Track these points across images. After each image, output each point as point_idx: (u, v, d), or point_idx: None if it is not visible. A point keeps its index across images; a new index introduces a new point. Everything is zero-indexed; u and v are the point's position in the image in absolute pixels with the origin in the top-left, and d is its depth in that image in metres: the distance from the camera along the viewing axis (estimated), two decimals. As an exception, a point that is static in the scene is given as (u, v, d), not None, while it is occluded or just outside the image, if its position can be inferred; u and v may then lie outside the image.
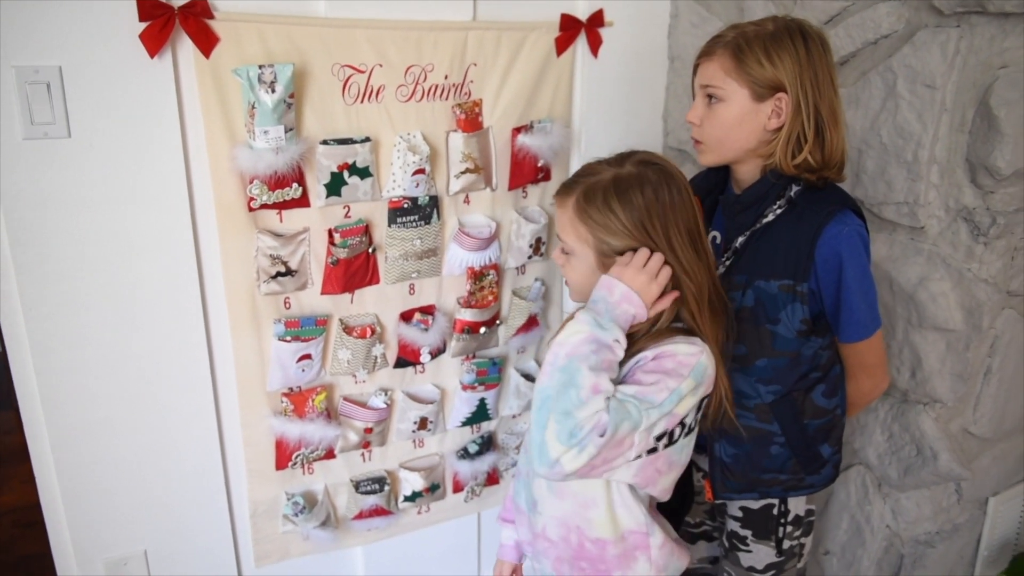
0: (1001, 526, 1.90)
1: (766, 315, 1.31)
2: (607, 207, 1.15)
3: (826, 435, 1.41)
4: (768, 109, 1.28)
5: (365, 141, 1.52)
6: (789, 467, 1.40)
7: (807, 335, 1.32)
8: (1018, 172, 1.41)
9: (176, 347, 1.51)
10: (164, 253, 1.45)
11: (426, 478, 1.83)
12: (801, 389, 1.36)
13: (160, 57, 1.34)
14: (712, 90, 1.31)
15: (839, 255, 1.25)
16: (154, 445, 1.54)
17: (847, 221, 1.26)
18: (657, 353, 1.14)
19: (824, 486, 1.46)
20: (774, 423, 1.37)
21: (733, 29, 1.31)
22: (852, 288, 1.27)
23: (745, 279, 1.33)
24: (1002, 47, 1.37)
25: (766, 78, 1.26)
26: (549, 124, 1.72)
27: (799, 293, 1.28)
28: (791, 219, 1.29)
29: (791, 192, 1.30)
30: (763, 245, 1.32)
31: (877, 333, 1.35)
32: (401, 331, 1.70)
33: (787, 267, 1.28)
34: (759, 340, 1.33)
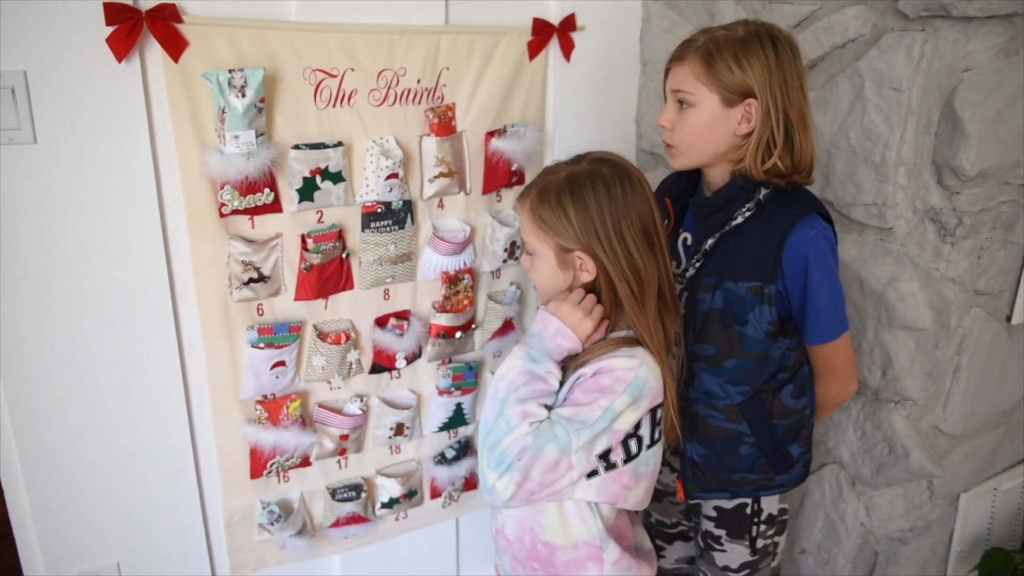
0: (973, 522, 1.93)
1: (734, 316, 1.33)
2: (559, 206, 1.20)
3: (795, 435, 1.42)
4: (738, 114, 1.29)
5: (338, 146, 1.51)
6: (759, 467, 1.41)
7: (775, 336, 1.33)
8: (983, 173, 1.44)
9: (147, 355, 1.49)
10: (134, 260, 1.43)
11: (403, 484, 1.82)
12: (769, 389, 1.37)
13: (128, 61, 1.33)
14: (683, 95, 1.32)
15: (805, 257, 1.26)
16: (125, 455, 1.52)
17: (814, 224, 1.27)
18: (597, 369, 1.18)
19: (794, 485, 1.47)
20: (743, 423, 1.38)
21: (704, 34, 1.32)
22: (817, 291, 1.28)
23: (714, 280, 1.34)
24: (965, 50, 1.40)
25: (736, 84, 1.27)
26: (522, 128, 1.72)
27: (766, 295, 1.29)
28: (759, 222, 1.31)
29: (760, 195, 1.31)
30: (732, 247, 1.33)
31: (844, 336, 1.36)
32: (376, 336, 1.69)
33: (755, 269, 1.30)
34: (728, 341, 1.34)
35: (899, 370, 1.58)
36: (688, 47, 1.32)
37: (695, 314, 1.37)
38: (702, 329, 1.36)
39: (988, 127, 1.41)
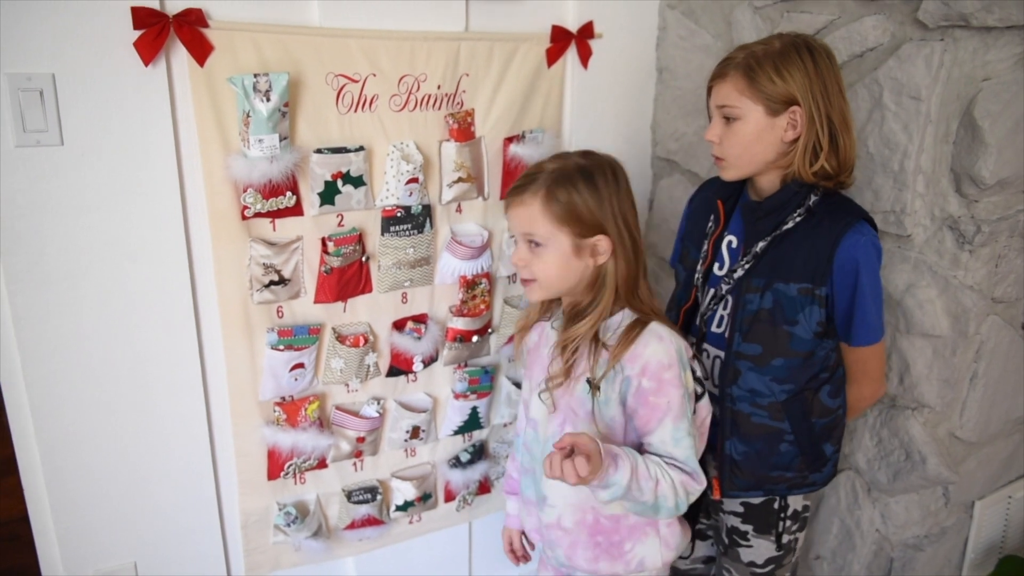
0: (987, 529, 1.93)
1: (784, 316, 1.38)
2: (577, 191, 1.25)
3: (829, 434, 1.47)
4: (783, 122, 1.34)
5: (359, 150, 1.53)
6: (796, 464, 1.45)
7: (822, 336, 1.39)
8: (1001, 181, 1.44)
9: (168, 356, 1.50)
10: (157, 261, 1.45)
11: (418, 487, 1.82)
12: (811, 388, 1.42)
13: (154, 65, 1.34)
14: (728, 110, 1.37)
15: (856, 262, 1.33)
16: (145, 455, 1.53)
17: (864, 231, 1.34)
18: (642, 368, 1.24)
19: (824, 484, 1.52)
20: (785, 421, 1.43)
21: (742, 50, 1.38)
22: (866, 294, 1.35)
23: (763, 282, 1.39)
24: (984, 60, 1.40)
25: (778, 93, 1.32)
26: (540, 134, 1.74)
27: (817, 296, 1.35)
28: (810, 227, 1.37)
29: (810, 202, 1.37)
30: (783, 250, 1.38)
31: (882, 340, 1.43)
32: (394, 340, 1.70)
33: (806, 271, 1.35)
34: (776, 340, 1.39)
35: (916, 377, 1.58)
36: (728, 64, 1.37)
37: (742, 314, 1.42)
38: (749, 328, 1.41)
39: (1007, 136, 1.42)
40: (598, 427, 1.28)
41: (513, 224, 1.34)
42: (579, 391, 1.30)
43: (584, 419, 1.30)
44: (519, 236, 1.32)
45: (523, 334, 1.48)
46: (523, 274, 1.33)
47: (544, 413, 1.37)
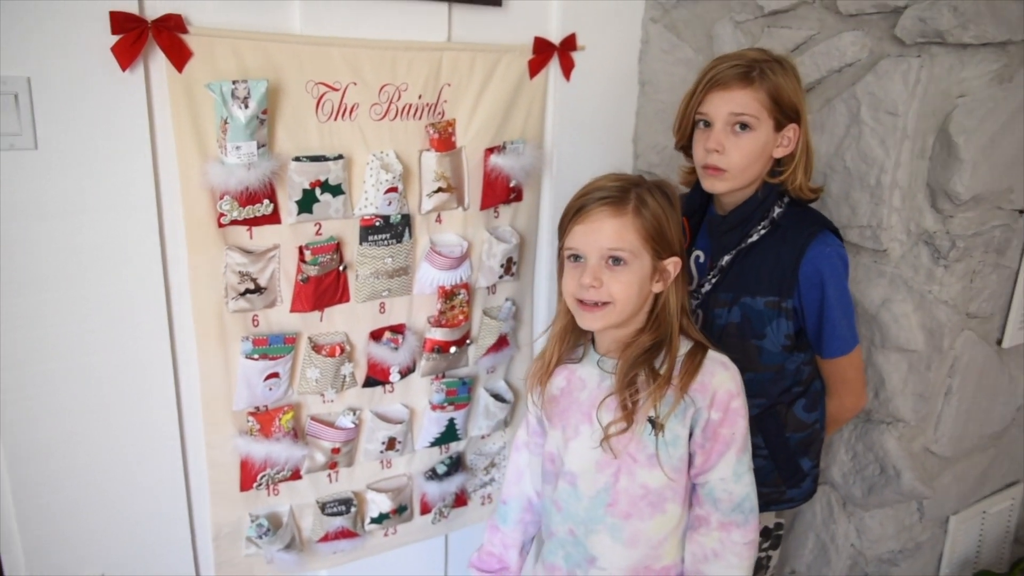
0: (961, 544, 1.94)
1: (752, 330, 1.37)
2: (663, 213, 1.20)
3: (806, 449, 1.46)
4: (780, 139, 1.35)
5: (338, 159, 1.52)
6: (771, 480, 1.44)
7: (791, 350, 1.38)
8: (976, 197, 1.46)
9: (140, 364, 1.48)
10: (131, 268, 1.42)
11: (393, 499, 1.80)
12: (784, 402, 1.42)
13: (132, 70, 1.33)
14: (746, 119, 1.34)
15: (821, 273, 1.32)
16: (114, 465, 1.50)
17: (828, 242, 1.34)
18: (711, 399, 1.18)
19: (804, 500, 1.51)
20: (758, 436, 1.41)
21: (751, 60, 1.35)
22: (833, 305, 1.34)
23: (731, 296, 1.39)
24: (960, 77, 1.43)
25: (792, 109, 1.34)
26: (522, 145, 1.73)
27: (784, 309, 1.35)
28: (775, 239, 1.37)
29: (774, 214, 1.37)
30: (748, 264, 1.38)
31: (856, 349, 1.41)
32: (371, 350, 1.69)
33: (772, 284, 1.35)
34: (746, 355, 1.37)
35: (891, 391, 1.59)
36: (751, 72, 1.34)
37: (711, 329, 1.41)
38: (719, 343, 1.37)
39: (982, 152, 1.44)
40: (664, 470, 1.20)
41: (592, 240, 1.19)
42: (640, 434, 1.21)
43: (645, 464, 1.21)
44: (594, 254, 1.19)
45: (544, 379, 1.34)
46: (593, 296, 1.19)
47: (588, 465, 1.26)
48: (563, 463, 1.30)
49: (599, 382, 1.27)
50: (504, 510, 1.46)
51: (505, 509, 1.45)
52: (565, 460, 1.30)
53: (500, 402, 1.90)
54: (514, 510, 1.44)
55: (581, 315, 1.22)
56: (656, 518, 1.23)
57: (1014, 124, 1.48)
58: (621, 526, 1.24)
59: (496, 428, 1.94)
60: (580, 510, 1.27)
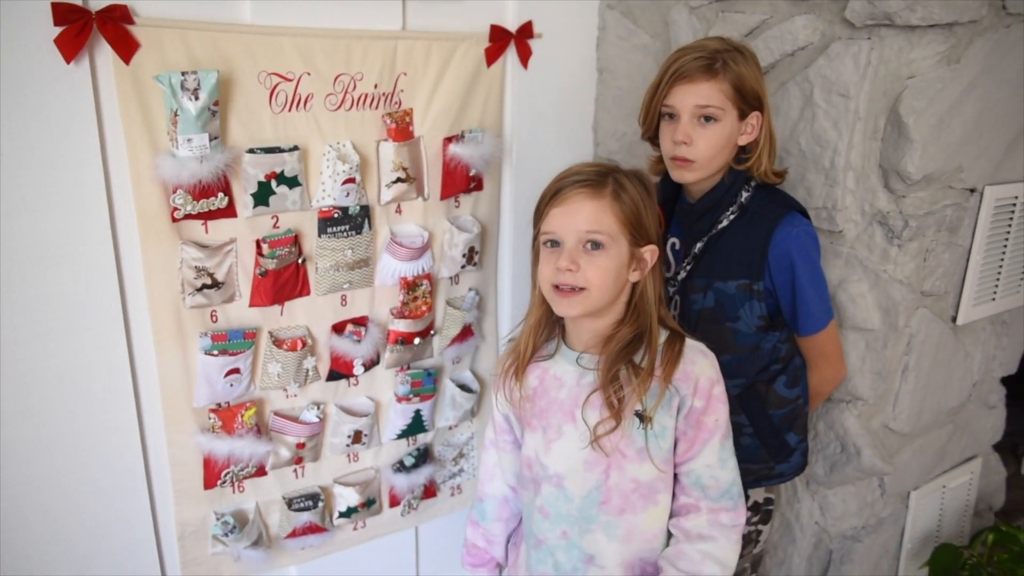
0: (923, 519, 1.98)
1: (726, 314, 1.40)
2: (641, 198, 1.19)
3: (791, 424, 1.49)
4: (744, 126, 1.38)
5: (293, 150, 1.50)
6: (759, 456, 1.48)
7: (765, 330, 1.41)
8: (927, 177, 1.48)
9: (96, 363, 1.45)
10: (83, 265, 1.40)
11: (361, 493, 1.79)
12: (764, 380, 1.45)
13: (77, 62, 1.30)
14: (711, 111, 1.35)
15: (790, 254, 1.35)
16: (73, 467, 1.48)
17: (795, 223, 1.37)
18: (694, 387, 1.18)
19: (794, 474, 1.54)
20: (741, 414, 1.45)
21: (718, 52, 1.36)
22: (805, 284, 1.37)
23: (705, 282, 1.42)
24: (909, 58, 1.44)
25: (755, 99, 1.37)
26: (480, 134, 1.73)
27: (756, 291, 1.38)
28: (743, 223, 1.40)
29: (742, 199, 1.40)
30: (719, 249, 1.41)
31: (832, 323, 1.45)
32: (333, 343, 1.67)
33: (743, 268, 1.38)
34: (721, 338, 1.40)
35: (850, 370, 1.61)
36: (714, 63, 1.35)
37: (688, 314, 1.44)
38: (696, 328, 1.42)
39: (931, 132, 1.46)
40: (655, 463, 1.19)
41: (569, 222, 1.17)
42: (628, 428, 1.19)
43: (635, 459, 1.20)
44: (571, 237, 1.17)
45: (520, 372, 1.30)
46: (568, 280, 1.17)
47: (576, 465, 1.23)
48: (545, 467, 1.27)
49: (578, 379, 1.24)
50: (481, 508, 1.45)
51: (482, 507, 1.44)
52: (547, 463, 1.26)
53: (467, 392, 1.90)
54: (491, 507, 1.44)
55: (557, 301, 1.20)
56: (649, 510, 1.22)
57: (963, 104, 1.50)
58: (616, 523, 1.23)
59: (463, 419, 1.93)
60: (572, 511, 1.25)
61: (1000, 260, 1.78)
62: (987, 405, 2.03)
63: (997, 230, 1.73)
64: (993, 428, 2.10)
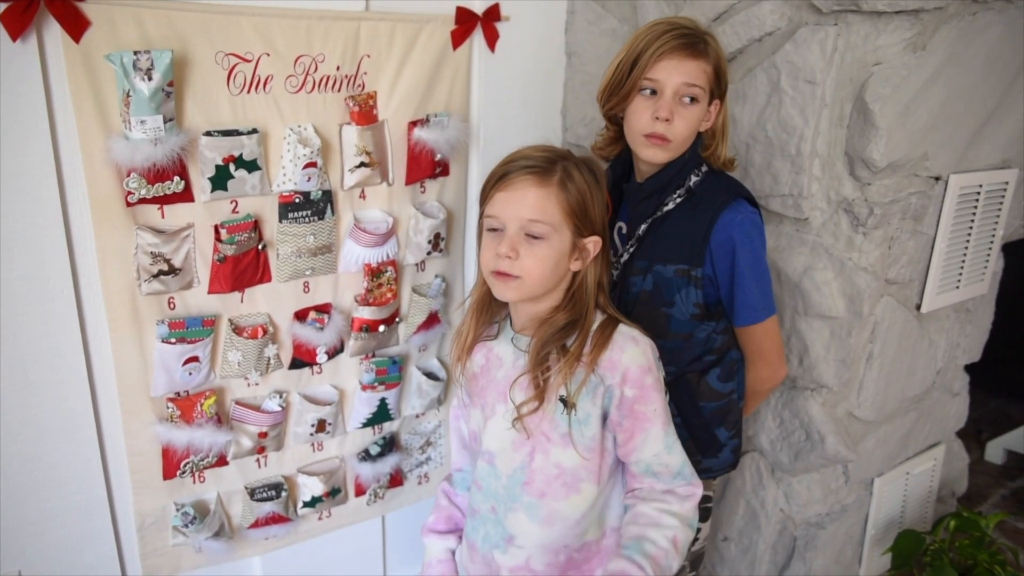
0: (886, 505, 2.00)
1: (662, 298, 1.37)
2: (588, 188, 1.18)
3: (722, 419, 1.46)
4: (711, 110, 1.37)
5: (252, 133, 1.46)
6: (687, 449, 1.42)
7: (700, 319, 1.38)
8: (892, 164, 1.48)
9: (49, 352, 1.41)
10: (34, 251, 1.35)
11: (326, 482, 1.77)
12: (695, 371, 1.42)
13: (24, 40, 1.25)
14: (695, 91, 1.33)
15: (732, 241, 1.32)
16: (27, 457, 1.44)
17: (740, 209, 1.33)
18: (623, 376, 1.17)
19: (723, 471, 1.51)
20: (671, 404, 1.40)
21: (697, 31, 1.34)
22: (744, 272, 1.34)
23: (646, 264, 1.39)
24: (876, 44, 1.44)
25: (725, 84, 1.36)
26: (446, 118, 1.70)
27: (693, 278, 1.35)
28: (689, 208, 1.36)
29: (690, 182, 1.37)
30: (662, 232, 1.38)
31: (771, 319, 1.41)
32: (295, 331, 1.64)
33: (683, 252, 1.35)
34: (655, 322, 1.37)
35: (815, 358, 1.62)
36: (699, 42, 1.32)
37: (627, 296, 1.41)
38: (632, 311, 1.39)
39: (897, 120, 1.45)
40: (577, 450, 1.19)
41: (512, 208, 1.16)
42: (552, 412, 1.19)
43: (559, 443, 1.20)
44: (513, 223, 1.16)
45: (464, 356, 1.32)
46: (505, 267, 1.16)
47: (505, 444, 1.24)
48: (481, 443, 1.29)
49: (514, 360, 1.25)
50: (459, 476, 1.44)
51: (460, 476, 1.43)
52: (483, 439, 1.29)
53: (433, 380, 1.88)
54: (469, 475, 1.41)
55: (495, 285, 1.20)
56: (571, 498, 1.22)
57: (928, 91, 1.50)
58: (537, 505, 1.23)
59: (430, 407, 1.92)
60: (499, 488, 1.26)
61: (964, 248, 1.79)
62: (951, 392, 2.05)
63: (961, 218, 1.74)
64: (956, 415, 2.12)
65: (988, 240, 1.86)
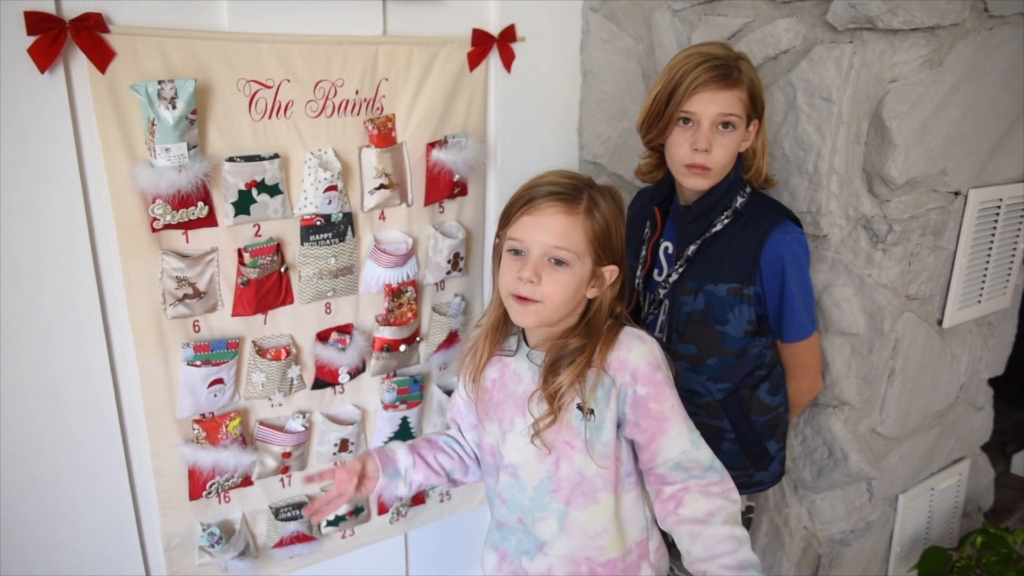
0: (911, 522, 1.97)
1: (715, 316, 1.41)
2: (611, 218, 1.19)
3: (772, 431, 1.50)
4: (747, 133, 1.40)
5: (274, 158, 1.49)
6: (739, 463, 1.48)
7: (753, 335, 1.42)
8: (911, 181, 1.48)
9: (77, 375, 1.44)
10: (62, 276, 1.38)
11: (349, 501, 1.78)
12: (748, 386, 1.45)
13: (51, 72, 1.29)
14: (732, 119, 1.36)
15: (781, 260, 1.36)
16: (56, 480, 1.46)
17: (788, 230, 1.38)
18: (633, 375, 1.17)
19: (772, 483, 1.55)
20: (724, 419, 1.46)
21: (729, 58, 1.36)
22: (793, 292, 1.38)
23: (696, 284, 1.42)
24: (892, 62, 1.44)
25: (762, 105, 1.40)
26: (464, 139, 1.72)
27: (746, 295, 1.39)
28: (737, 228, 1.40)
29: (737, 203, 1.41)
30: (712, 252, 1.42)
31: (814, 335, 1.47)
32: (318, 351, 1.66)
33: (734, 271, 1.39)
34: (709, 340, 1.42)
35: (836, 375, 1.61)
36: (731, 72, 1.35)
37: (678, 316, 1.44)
38: (684, 330, 1.43)
39: (914, 136, 1.45)
40: (593, 457, 1.19)
41: (538, 233, 1.16)
42: (572, 421, 1.20)
43: (582, 450, 1.20)
44: (537, 248, 1.16)
45: (477, 375, 1.31)
46: (527, 292, 1.16)
47: (528, 456, 1.25)
48: (502, 457, 1.29)
49: (532, 376, 1.26)
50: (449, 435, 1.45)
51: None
52: (503, 453, 1.29)
53: (453, 398, 1.89)
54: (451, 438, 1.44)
55: (515, 309, 1.20)
56: (589, 508, 1.23)
57: (946, 107, 1.49)
58: (565, 512, 1.24)
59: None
60: (525, 500, 1.27)
61: (985, 262, 1.78)
62: (974, 407, 2.03)
63: (982, 233, 1.73)
64: (981, 429, 2.10)
65: (1009, 253, 1.84)
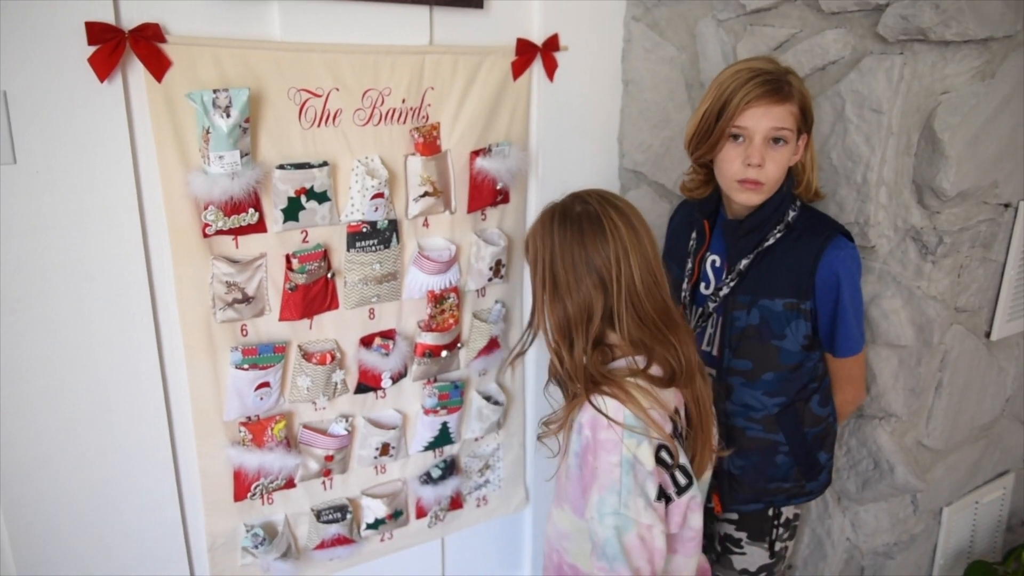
0: (955, 535, 1.95)
1: (771, 331, 1.41)
2: None
3: (822, 442, 1.51)
4: (797, 147, 1.40)
5: (323, 165, 1.51)
6: (792, 475, 1.49)
7: (808, 349, 1.42)
8: (962, 193, 1.46)
9: (128, 377, 1.47)
10: (115, 280, 1.41)
11: (389, 504, 1.80)
12: (802, 399, 1.45)
13: (110, 81, 1.31)
14: (784, 133, 1.36)
15: (837, 276, 1.36)
16: (105, 480, 1.49)
17: (842, 246, 1.37)
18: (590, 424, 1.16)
19: (820, 492, 1.55)
20: (779, 433, 1.46)
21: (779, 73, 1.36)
22: (847, 307, 1.38)
23: (749, 299, 1.42)
24: (943, 73, 1.42)
25: (811, 119, 1.40)
26: (507, 147, 1.73)
27: (803, 311, 1.39)
28: (790, 242, 1.40)
29: (789, 218, 1.40)
30: (765, 267, 1.41)
31: (864, 348, 1.47)
32: (361, 356, 1.68)
33: (790, 286, 1.38)
34: (766, 355, 1.41)
35: (883, 386, 1.60)
36: (782, 86, 1.35)
37: (730, 331, 1.44)
38: (738, 345, 1.43)
39: (966, 148, 1.44)
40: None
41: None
42: None
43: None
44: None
45: None
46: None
47: None
48: None
49: None
50: None
51: None
52: None
53: (493, 404, 1.90)
54: None
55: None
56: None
57: (997, 120, 1.48)
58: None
59: (489, 430, 1.93)
60: None
61: (1035, 274, 1.75)
62: (1020, 420, 2.00)
63: (1032, 244, 1.71)
64: (1026, 443, 2.07)
65: (1059, 265, 1.81)
